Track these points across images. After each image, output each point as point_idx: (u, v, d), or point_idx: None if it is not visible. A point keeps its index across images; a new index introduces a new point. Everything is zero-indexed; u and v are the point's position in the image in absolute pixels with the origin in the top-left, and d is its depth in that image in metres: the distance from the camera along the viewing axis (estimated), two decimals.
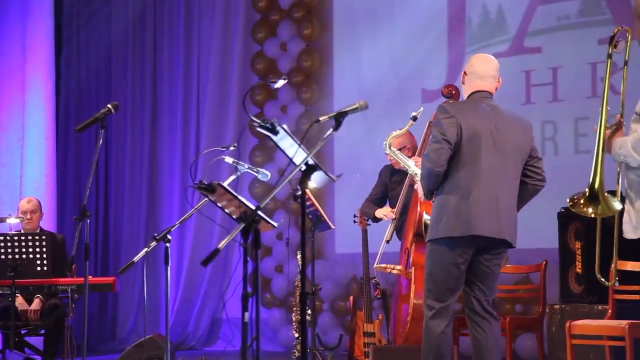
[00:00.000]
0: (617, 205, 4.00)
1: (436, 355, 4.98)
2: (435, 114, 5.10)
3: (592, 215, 3.96)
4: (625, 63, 4.08)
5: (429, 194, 5.05)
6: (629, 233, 4.08)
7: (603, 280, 4.24)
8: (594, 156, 3.97)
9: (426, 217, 6.46)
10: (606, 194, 3.97)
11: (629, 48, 4.07)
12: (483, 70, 5.28)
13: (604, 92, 4.02)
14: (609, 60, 4.06)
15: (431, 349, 4.99)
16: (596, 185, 3.94)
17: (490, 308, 5.10)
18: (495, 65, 5.26)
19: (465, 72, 5.23)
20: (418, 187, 5.27)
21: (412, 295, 6.42)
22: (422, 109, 5.36)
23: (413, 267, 6.46)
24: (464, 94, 5.26)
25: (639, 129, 3.88)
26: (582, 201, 3.95)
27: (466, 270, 5.00)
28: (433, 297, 4.99)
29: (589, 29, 8.20)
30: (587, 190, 3.94)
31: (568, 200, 4.01)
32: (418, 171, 5.38)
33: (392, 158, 6.16)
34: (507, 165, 5.06)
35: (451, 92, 7.04)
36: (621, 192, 4.17)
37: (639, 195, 4.03)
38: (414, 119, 5.38)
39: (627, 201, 4.06)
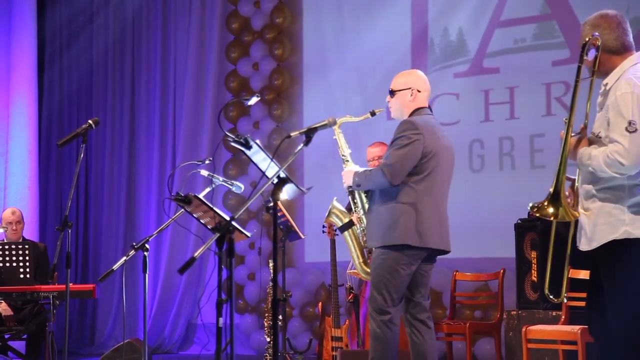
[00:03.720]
0: (576, 213, 4.02)
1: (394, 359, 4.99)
2: (403, 127, 5.06)
3: (552, 218, 3.95)
4: (593, 73, 4.09)
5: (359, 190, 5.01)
6: (584, 245, 4.10)
7: (552, 297, 4.25)
8: (559, 160, 3.98)
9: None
10: (567, 200, 3.98)
11: (599, 57, 4.08)
12: (428, 88, 5.32)
13: (573, 98, 4.02)
14: (580, 66, 4.06)
15: (390, 353, 4.97)
16: (559, 187, 3.95)
17: (429, 312, 5.17)
18: None
19: (417, 90, 5.19)
20: (345, 174, 5.15)
21: None
22: (382, 109, 5.31)
23: None
24: (406, 109, 5.19)
25: (610, 146, 3.89)
26: (545, 203, 3.95)
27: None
28: (390, 302, 4.97)
29: (544, 52, 8.27)
30: (550, 190, 3.95)
31: (530, 205, 4.01)
32: (353, 166, 5.28)
33: (335, 137, 5.91)
34: (447, 180, 5.17)
35: None
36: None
37: (594, 208, 4.05)
38: (372, 114, 5.33)
39: (582, 213, 4.07)
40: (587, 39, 4.05)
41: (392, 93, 5.26)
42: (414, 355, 5.06)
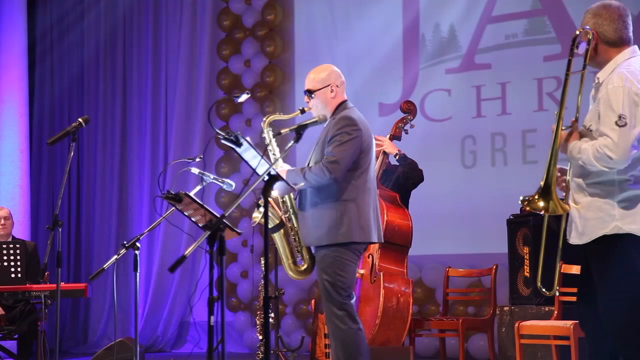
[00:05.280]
0: (567, 206, 4.01)
1: (367, 353, 4.96)
2: (342, 123, 4.99)
3: (543, 212, 3.95)
4: (584, 66, 4.08)
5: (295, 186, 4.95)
6: (575, 239, 4.09)
7: (544, 290, 4.25)
8: (549, 153, 3.97)
9: (395, 224, 6.50)
10: (557, 194, 3.98)
11: (590, 50, 4.08)
12: (344, 80, 5.26)
13: (563, 91, 4.01)
14: (571, 59, 4.06)
15: (363, 348, 4.95)
16: (550, 181, 3.94)
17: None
18: None
19: (335, 85, 5.12)
20: (280, 171, 4.98)
21: (382, 298, 6.42)
22: (310, 107, 5.26)
23: (381, 273, 6.48)
24: (330, 106, 5.12)
25: (600, 140, 3.89)
26: (536, 196, 3.95)
27: None
28: (347, 298, 4.95)
29: (535, 47, 8.27)
30: (541, 184, 3.95)
31: (521, 199, 4.01)
32: (282, 165, 5.22)
33: (264, 136, 5.82)
34: (375, 172, 5.20)
35: (409, 108, 7.09)
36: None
37: (584, 202, 4.04)
38: (302, 111, 5.29)
39: (572, 206, 4.07)
40: (577, 33, 4.06)
41: (310, 93, 5.17)
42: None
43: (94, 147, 10.60)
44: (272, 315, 6.71)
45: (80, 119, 5.39)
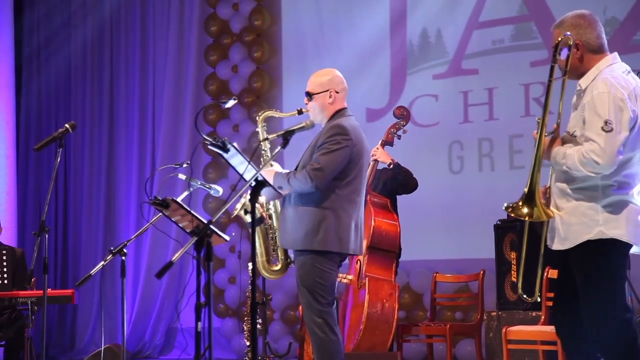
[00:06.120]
0: (551, 212, 4.03)
1: None
2: (333, 131, 4.98)
3: (527, 218, 3.97)
4: (565, 72, 4.11)
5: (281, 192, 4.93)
6: (557, 245, 4.11)
7: (525, 297, 4.28)
8: (533, 160, 3.99)
9: (382, 229, 6.50)
10: (541, 200, 4.00)
11: (574, 60, 4.11)
12: (345, 87, 5.23)
13: (546, 98, 4.03)
14: (554, 66, 4.09)
15: (338, 358, 4.92)
16: (533, 187, 3.96)
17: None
18: None
19: (334, 91, 5.10)
20: (265, 174, 4.96)
21: (366, 304, 6.43)
22: (309, 109, 5.27)
23: (367, 278, 6.48)
24: (327, 112, 5.10)
25: (586, 145, 3.91)
26: (520, 203, 3.97)
27: None
28: (326, 305, 4.93)
29: (522, 52, 8.29)
30: (525, 190, 3.97)
31: (505, 205, 4.02)
32: (278, 167, 5.21)
33: (258, 129, 5.64)
34: (365, 182, 5.14)
35: (402, 114, 7.12)
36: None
37: (568, 207, 4.06)
38: (300, 112, 5.28)
39: (555, 212, 4.08)
40: (559, 39, 4.09)
41: (310, 96, 5.15)
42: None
43: (81, 153, 10.57)
44: (260, 321, 6.70)
45: (66, 125, 5.39)
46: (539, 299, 4.38)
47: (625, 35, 7.80)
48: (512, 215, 3.98)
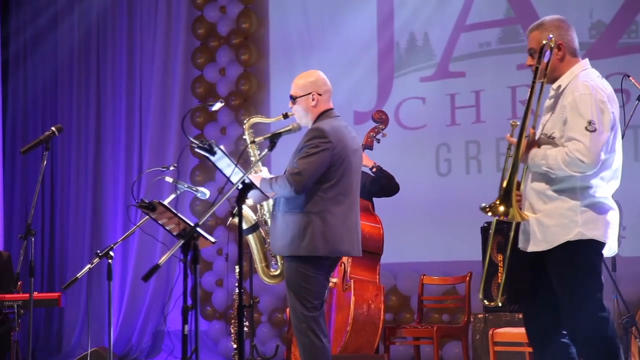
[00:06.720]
0: (525, 215, 4.09)
1: None
2: (311, 134, 4.96)
3: (504, 217, 4.02)
4: (545, 75, 4.16)
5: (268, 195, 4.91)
6: (533, 246, 4.16)
7: (485, 302, 4.34)
8: (512, 160, 4.05)
9: (366, 232, 6.51)
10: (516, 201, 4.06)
11: (555, 61, 4.16)
12: (329, 88, 5.20)
13: (529, 100, 4.08)
14: (538, 67, 4.14)
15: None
16: (510, 187, 4.01)
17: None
18: None
19: (317, 93, 5.08)
20: (255, 178, 4.95)
21: (352, 305, 6.44)
22: (293, 113, 5.27)
23: (352, 280, 6.49)
24: (311, 114, 5.09)
25: (569, 145, 3.96)
26: (497, 201, 4.02)
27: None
28: (313, 310, 4.90)
29: (509, 55, 8.32)
30: (503, 185, 4.02)
31: (481, 206, 4.07)
32: (266, 172, 5.20)
33: (245, 136, 5.67)
34: (356, 183, 5.09)
35: (381, 117, 7.13)
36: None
37: (546, 209, 4.10)
38: (285, 116, 5.28)
39: (530, 215, 4.13)
40: (544, 42, 4.14)
41: (294, 99, 5.14)
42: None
43: (68, 156, 10.56)
44: (247, 323, 6.71)
45: (53, 128, 5.38)
46: (500, 304, 4.42)
47: (611, 39, 7.83)
48: (490, 214, 4.03)
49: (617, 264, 6.18)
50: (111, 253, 5.36)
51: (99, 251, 5.42)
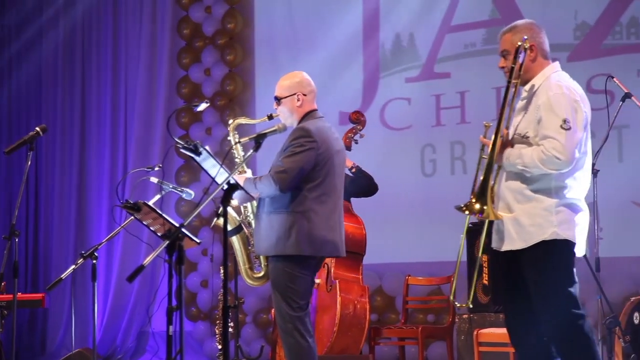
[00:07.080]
0: (500, 214, 4.14)
1: None
2: (296, 134, 4.97)
3: (479, 216, 4.07)
4: (519, 76, 4.24)
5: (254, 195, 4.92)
6: (507, 246, 4.20)
7: (457, 304, 4.39)
8: (487, 162, 4.09)
9: (349, 232, 6.52)
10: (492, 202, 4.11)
11: (527, 62, 4.24)
12: (314, 88, 5.23)
13: (504, 100, 4.14)
14: (514, 68, 4.21)
15: None
16: (486, 185, 4.06)
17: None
18: None
19: (302, 94, 5.10)
20: (239, 178, 4.94)
21: (339, 306, 6.44)
22: (278, 113, 5.28)
23: (337, 281, 6.49)
24: (296, 115, 5.11)
25: (545, 143, 4.01)
26: (472, 199, 4.06)
27: None
28: (298, 309, 4.90)
29: (494, 56, 8.22)
30: (480, 180, 4.07)
31: (457, 206, 4.12)
32: (249, 175, 5.20)
33: (230, 139, 5.70)
34: (340, 184, 5.10)
35: (359, 119, 7.14)
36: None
37: (521, 209, 4.14)
38: (270, 117, 5.29)
39: (504, 213, 4.18)
40: (519, 43, 4.23)
41: (279, 100, 5.16)
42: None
43: (52, 156, 10.52)
44: (232, 324, 6.70)
45: (37, 128, 5.37)
46: (471, 306, 4.47)
47: (595, 40, 7.86)
48: (466, 213, 4.08)
49: (601, 264, 6.20)
50: (95, 254, 5.36)
51: (83, 252, 5.42)
